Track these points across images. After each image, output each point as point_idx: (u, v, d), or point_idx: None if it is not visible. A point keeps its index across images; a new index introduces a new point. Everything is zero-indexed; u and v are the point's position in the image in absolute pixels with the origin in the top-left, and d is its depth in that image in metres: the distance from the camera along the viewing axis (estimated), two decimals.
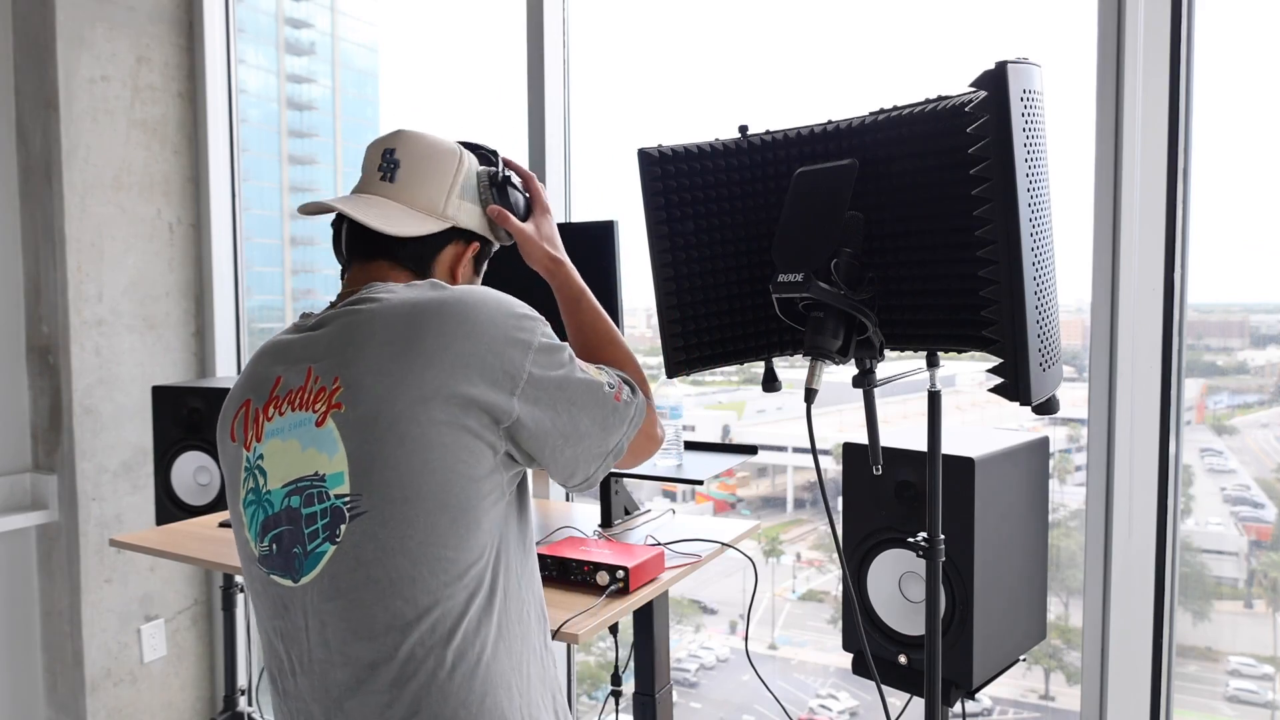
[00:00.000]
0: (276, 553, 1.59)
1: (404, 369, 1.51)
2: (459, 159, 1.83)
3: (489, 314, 1.58)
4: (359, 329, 1.58)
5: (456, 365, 1.51)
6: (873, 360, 1.80)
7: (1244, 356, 2.92)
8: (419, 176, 1.80)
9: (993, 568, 2.15)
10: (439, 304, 1.58)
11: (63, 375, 3.88)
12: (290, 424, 1.58)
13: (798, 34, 3.30)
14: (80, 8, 3.85)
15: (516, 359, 1.56)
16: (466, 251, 1.84)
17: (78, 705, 3.99)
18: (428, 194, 1.79)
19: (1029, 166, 1.56)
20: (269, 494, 1.60)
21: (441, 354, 1.52)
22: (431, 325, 1.54)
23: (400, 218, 1.75)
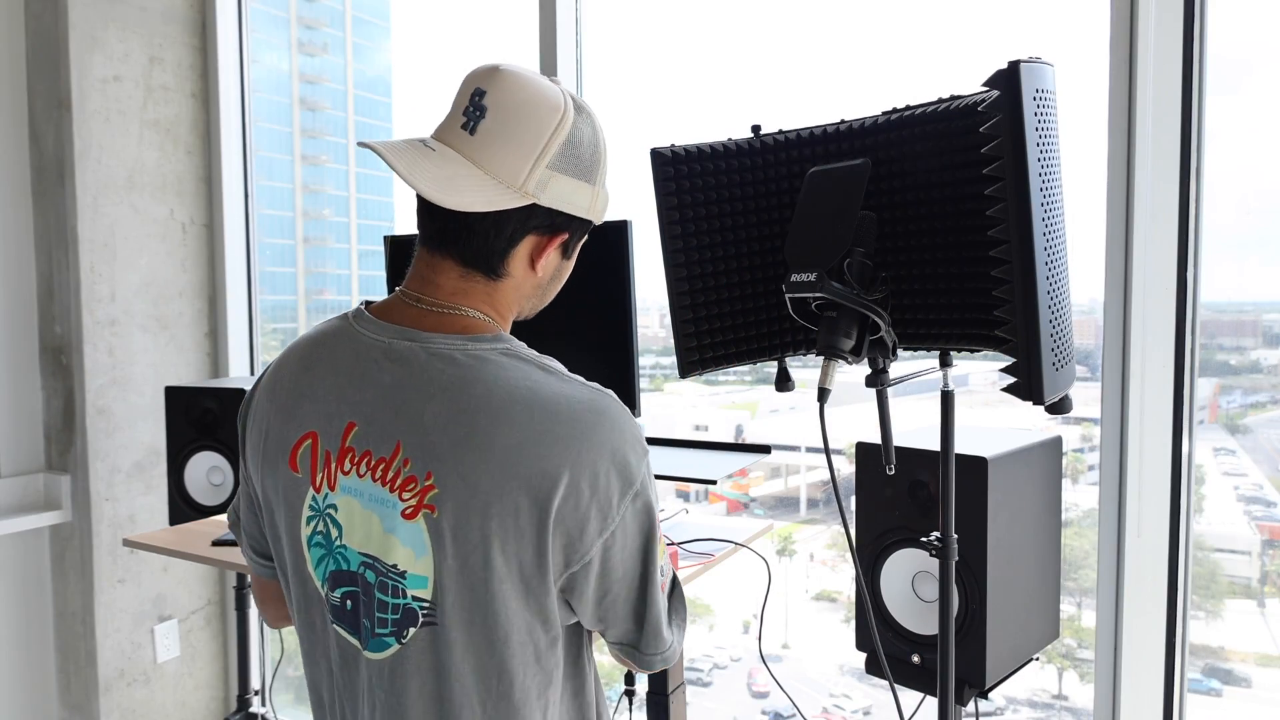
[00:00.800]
0: (349, 610, 1.50)
1: (499, 484, 1.36)
2: (561, 114, 1.46)
3: (609, 469, 1.40)
4: (459, 416, 1.38)
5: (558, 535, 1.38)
6: (886, 360, 1.80)
7: (1257, 356, 2.91)
8: (506, 132, 1.44)
9: (1006, 567, 2.15)
10: (536, 413, 1.38)
11: (76, 376, 3.89)
12: (370, 494, 1.43)
13: (811, 34, 3.30)
14: (93, 8, 3.86)
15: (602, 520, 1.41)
16: (550, 244, 1.52)
17: (91, 705, 4.00)
18: (511, 158, 1.43)
19: (1042, 166, 1.56)
20: (343, 549, 1.48)
21: (544, 502, 1.36)
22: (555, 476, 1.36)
23: (468, 185, 1.42)
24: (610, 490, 1.40)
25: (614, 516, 1.41)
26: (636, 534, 1.45)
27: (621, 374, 2.65)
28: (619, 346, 2.64)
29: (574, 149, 1.48)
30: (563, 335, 2.75)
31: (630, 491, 1.42)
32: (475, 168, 1.43)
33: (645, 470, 1.45)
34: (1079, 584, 2.99)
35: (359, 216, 4.98)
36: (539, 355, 1.48)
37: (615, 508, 1.41)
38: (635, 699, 2.67)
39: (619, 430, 1.42)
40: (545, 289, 1.61)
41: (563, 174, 1.47)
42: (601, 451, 1.39)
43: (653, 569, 1.49)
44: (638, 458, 1.44)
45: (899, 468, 2.07)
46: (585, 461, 1.37)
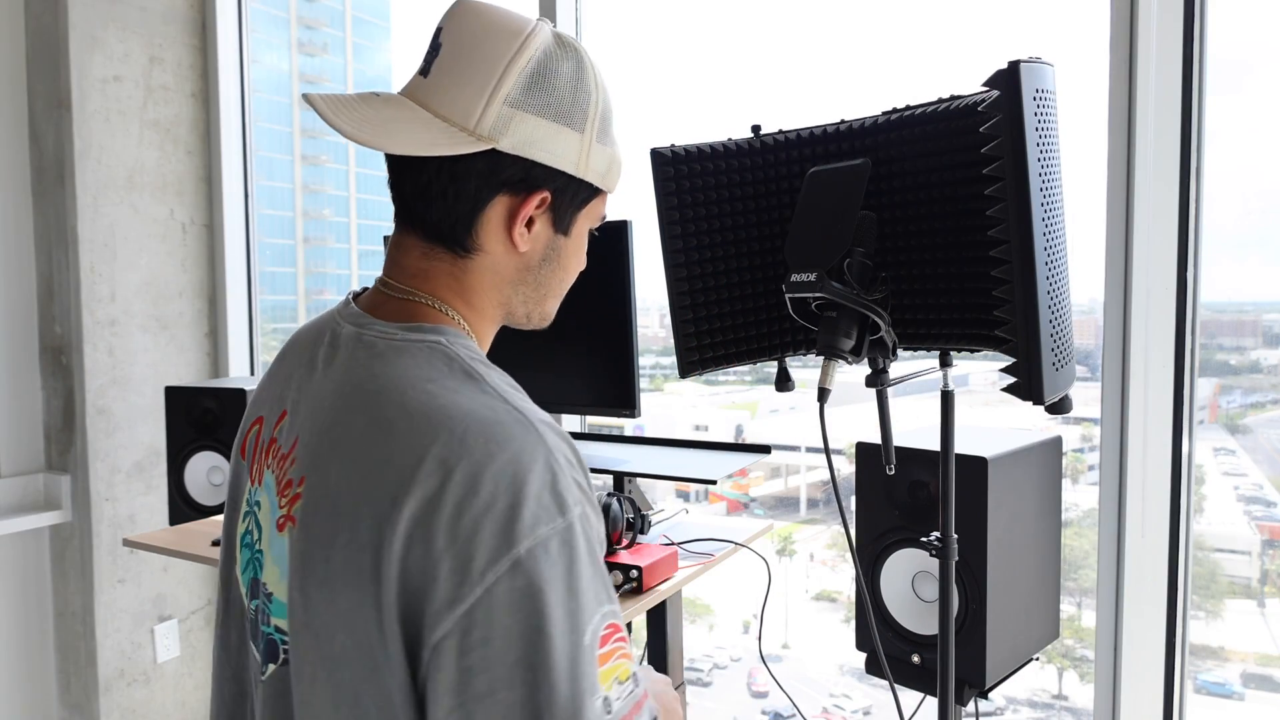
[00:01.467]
0: (256, 622, 1.27)
1: (355, 511, 1.09)
2: (522, 40, 1.21)
3: (503, 472, 1.07)
4: (343, 417, 1.15)
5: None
6: (886, 360, 1.80)
7: (1257, 355, 2.91)
8: (457, 66, 1.21)
9: (1006, 567, 2.14)
10: (401, 420, 1.11)
11: (75, 376, 3.89)
12: (267, 496, 1.24)
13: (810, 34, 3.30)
14: (93, 8, 3.86)
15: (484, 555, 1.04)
16: (526, 205, 1.24)
17: (91, 705, 3.99)
18: (462, 95, 1.20)
19: (1042, 166, 1.56)
20: (261, 554, 1.26)
21: (400, 506, 1.06)
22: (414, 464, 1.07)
23: (406, 128, 1.19)
24: (494, 513, 1.04)
25: (473, 586, 1.03)
26: (509, 628, 1.02)
27: (621, 374, 2.65)
28: (619, 346, 2.64)
29: (544, 83, 1.21)
30: (563, 335, 2.75)
31: (508, 556, 1.03)
32: (421, 109, 1.21)
33: (578, 513, 1.09)
34: (1079, 584, 2.99)
35: (359, 216, 4.99)
36: (478, 362, 1.21)
37: (479, 573, 1.03)
38: None
39: (537, 444, 1.10)
40: (538, 273, 1.32)
41: (530, 113, 1.20)
42: (489, 463, 1.06)
43: (583, 660, 1.05)
44: (557, 500, 1.08)
45: (899, 468, 2.07)
46: (459, 469, 1.05)
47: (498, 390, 1.15)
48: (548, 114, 1.22)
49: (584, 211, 1.33)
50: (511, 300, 1.33)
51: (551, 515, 1.06)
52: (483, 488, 1.04)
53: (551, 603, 1.03)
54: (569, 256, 1.35)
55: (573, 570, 1.05)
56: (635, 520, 2.34)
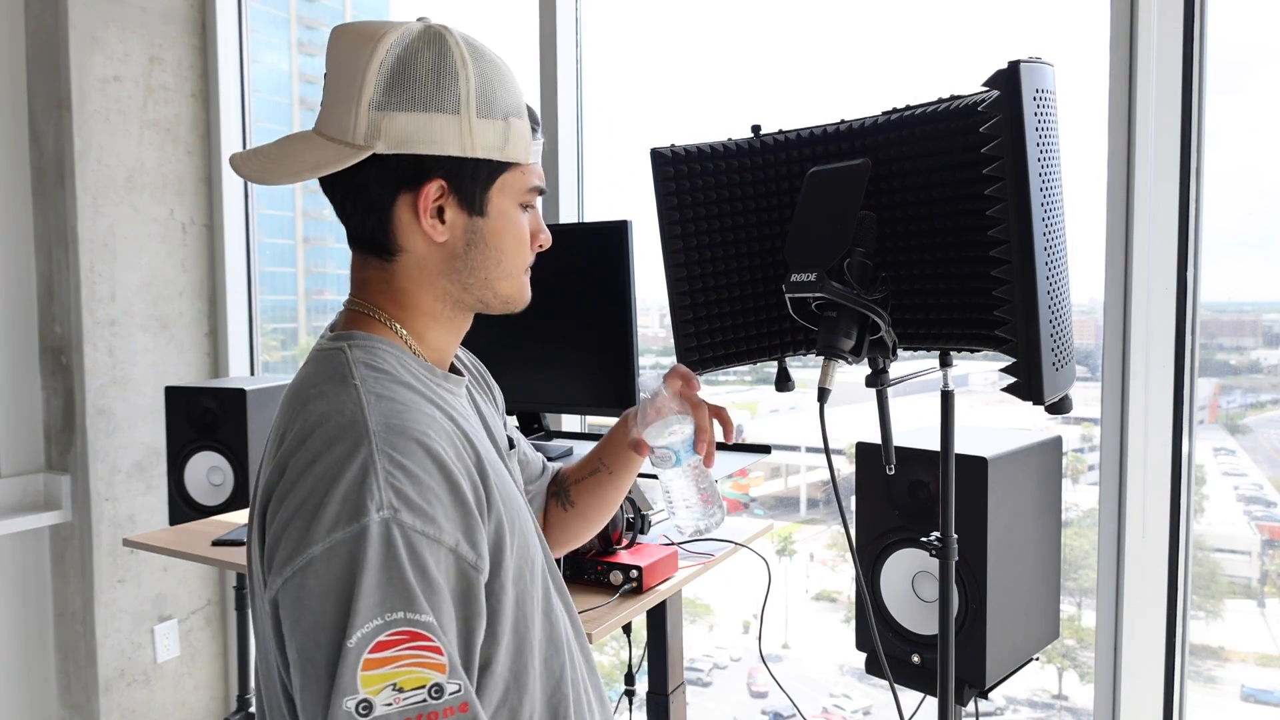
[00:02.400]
0: None
1: (258, 504, 1.23)
2: (374, 45, 1.25)
3: (323, 470, 1.15)
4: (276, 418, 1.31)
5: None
6: (886, 360, 1.80)
7: (1257, 355, 2.91)
8: (331, 87, 1.29)
9: (1006, 567, 2.15)
10: (284, 425, 1.25)
11: (75, 375, 3.89)
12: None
13: (810, 34, 3.30)
14: (93, 8, 3.86)
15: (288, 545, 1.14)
16: (424, 196, 1.29)
17: (91, 706, 4.00)
18: (337, 112, 1.27)
19: (1042, 166, 1.56)
20: None
21: (262, 496, 1.21)
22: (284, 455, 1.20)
23: (298, 157, 1.28)
24: (302, 512, 1.13)
25: (275, 576, 1.14)
26: (334, 600, 1.09)
27: (621, 374, 2.65)
28: (619, 346, 2.64)
29: (403, 79, 1.24)
30: (563, 335, 2.75)
31: (302, 555, 1.11)
32: (316, 136, 1.29)
33: (380, 516, 1.11)
34: (1079, 584, 2.99)
35: None
36: (364, 365, 1.28)
37: (279, 567, 1.13)
38: (635, 699, 2.67)
39: (360, 444, 1.15)
40: (466, 259, 1.36)
41: (397, 110, 1.24)
42: (314, 465, 1.15)
43: (343, 661, 1.07)
44: (373, 491, 1.12)
45: (899, 468, 2.07)
46: (290, 467, 1.17)
47: (360, 395, 1.21)
48: (415, 106, 1.25)
49: (495, 188, 1.35)
50: (451, 290, 1.38)
51: (349, 519, 1.10)
52: (301, 487, 1.14)
53: (329, 606, 1.09)
54: (497, 235, 1.37)
55: (353, 577, 1.09)
56: (635, 520, 2.34)
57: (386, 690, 1.07)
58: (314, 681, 1.08)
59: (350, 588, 1.08)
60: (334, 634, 1.07)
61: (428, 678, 1.09)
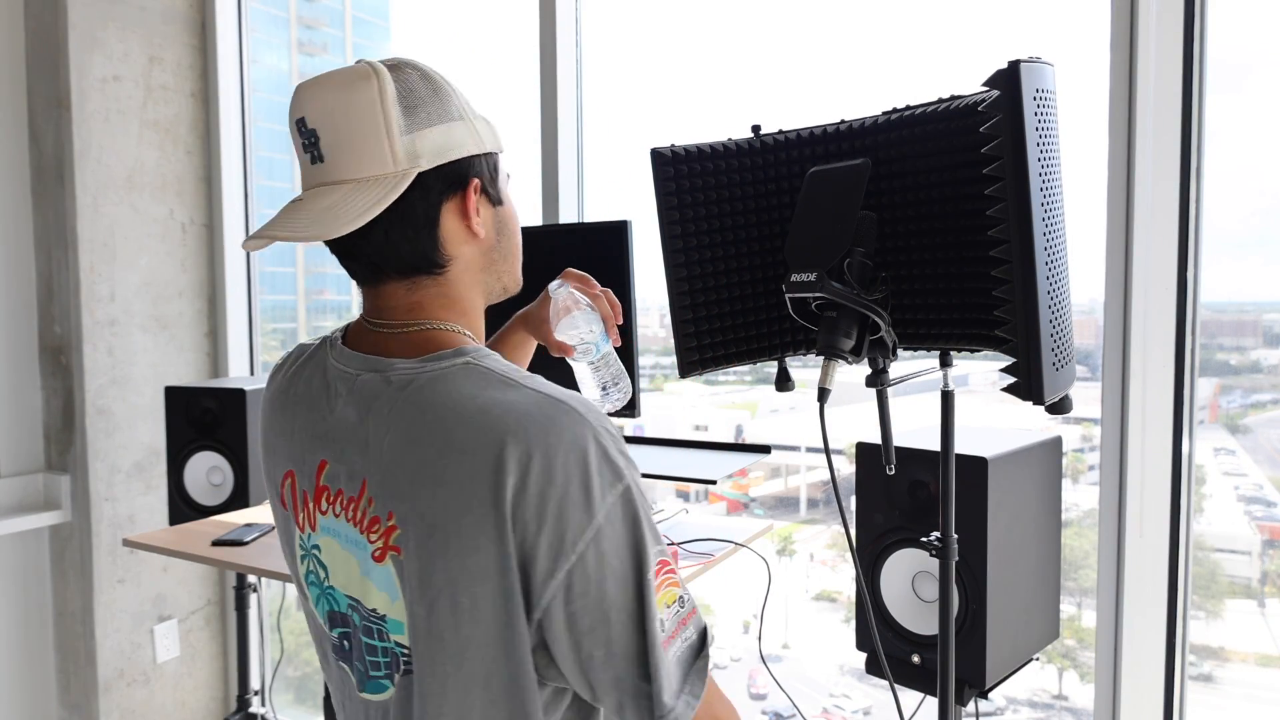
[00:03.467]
0: (348, 650, 1.42)
1: (456, 521, 1.23)
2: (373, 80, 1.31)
3: (569, 456, 1.23)
4: (411, 448, 1.27)
5: (515, 521, 1.22)
6: (886, 360, 1.80)
7: (1257, 355, 2.91)
8: (343, 134, 1.32)
9: (1006, 567, 2.15)
10: (471, 436, 1.24)
11: (75, 375, 3.89)
12: (345, 535, 1.35)
13: (810, 33, 3.30)
14: (92, 8, 3.86)
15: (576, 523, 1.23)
16: (469, 197, 1.38)
17: (90, 706, 4.00)
18: (367, 151, 1.31)
19: (1042, 166, 1.56)
20: (332, 589, 1.41)
21: (500, 503, 1.21)
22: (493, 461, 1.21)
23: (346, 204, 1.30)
24: (572, 493, 1.22)
25: (567, 556, 1.23)
26: (628, 548, 1.26)
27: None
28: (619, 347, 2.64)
29: (411, 101, 1.33)
30: None
31: (590, 527, 1.23)
32: (342, 184, 1.32)
33: (630, 475, 1.27)
34: (1079, 584, 2.99)
35: None
36: (508, 368, 1.33)
37: (570, 545, 1.22)
38: None
39: (582, 425, 1.25)
40: (498, 248, 1.47)
41: (423, 129, 1.33)
42: (553, 451, 1.22)
43: (648, 601, 1.27)
44: (611, 466, 1.26)
45: (899, 468, 2.07)
46: (535, 463, 1.21)
47: (533, 387, 1.29)
48: (434, 121, 1.34)
49: (501, 177, 1.47)
50: (489, 284, 1.49)
51: (612, 483, 1.25)
52: (556, 474, 1.21)
53: (624, 558, 1.25)
54: (512, 219, 1.50)
55: (635, 526, 1.26)
56: None
57: (664, 609, 1.28)
58: (627, 621, 1.26)
59: (636, 538, 1.26)
60: (635, 575, 1.26)
61: (675, 594, 1.31)
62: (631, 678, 1.27)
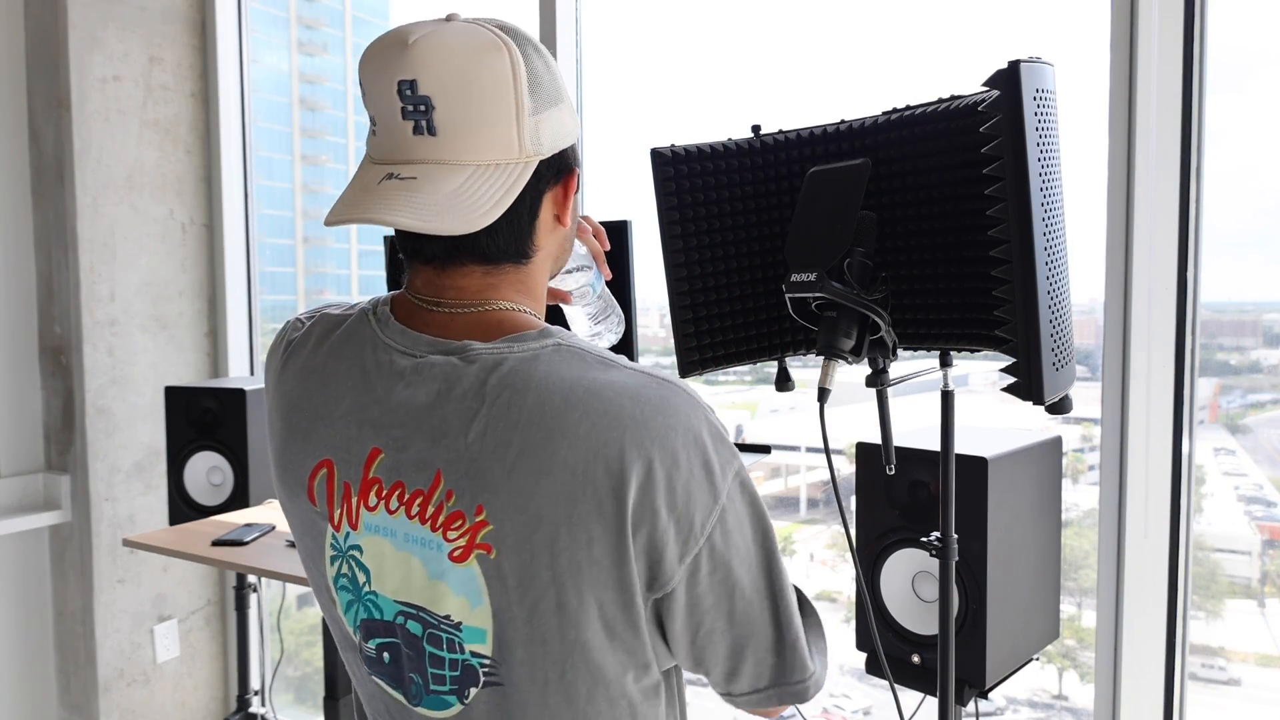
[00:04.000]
0: (389, 664, 1.29)
1: (566, 511, 1.13)
2: (509, 56, 1.17)
3: (688, 437, 1.17)
4: (509, 434, 1.14)
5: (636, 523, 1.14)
6: (886, 360, 1.80)
7: (1257, 355, 2.91)
8: (470, 111, 1.16)
9: (1006, 567, 2.15)
10: (578, 417, 1.14)
11: (75, 375, 3.89)
12: (406, 534, 1.21)
13: (810, 34, 3.30)
14: (92, 8, 3.86)
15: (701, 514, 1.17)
16: (568, 191, 1.32)
17: (90, 705, 4.00)
18: (498, 132, 1.18)
19: (1042, 166, 1.55)
20: (373, 596, 1.26)
21: (621, 491, 1.13)
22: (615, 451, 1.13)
23: (473, 191, 1.16)
24: (696, 476, 1.16)
25: (697, 540, 1.17)
26: (750, 523, 1.23)
27: None
28: (619, 347, 2.64)
29: (535, 79, 1.20)
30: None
31: (716, 509, 1.18)
32: (464, 167, 1.17)
33: (739, 461, 1.23)
34: (1079, 584, 2.99)
35: None
36: (597, 347, 1.23)
37: (700, 529, 1.17)
38: None
39: (694, 405, 1.20)
40: (569, 240, 1.40)
41: (543, 111, 1.22)
42: (673, 436, 1.15)
43: (779, 570, 1.26)
44: (725, 445, 1.21)
45: (899, 468, 2.07)
46: (656, 450, 1.13)
47: (632, 367, 1.21)
48: (550, 104, 1.23)
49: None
50: (554, 269, 1.40)
51: (728, 462, 1.21)
52: (680, 458, 1.15)
53: (747, 535, 1.23)
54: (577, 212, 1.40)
55: (754, 501, 1.24)
56: None
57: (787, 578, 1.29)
58: (763, 592, 1.25)
59: (757, 512, 1.24)
60: (761, 550, 1.24)
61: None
62: (760, 649, 1.28)
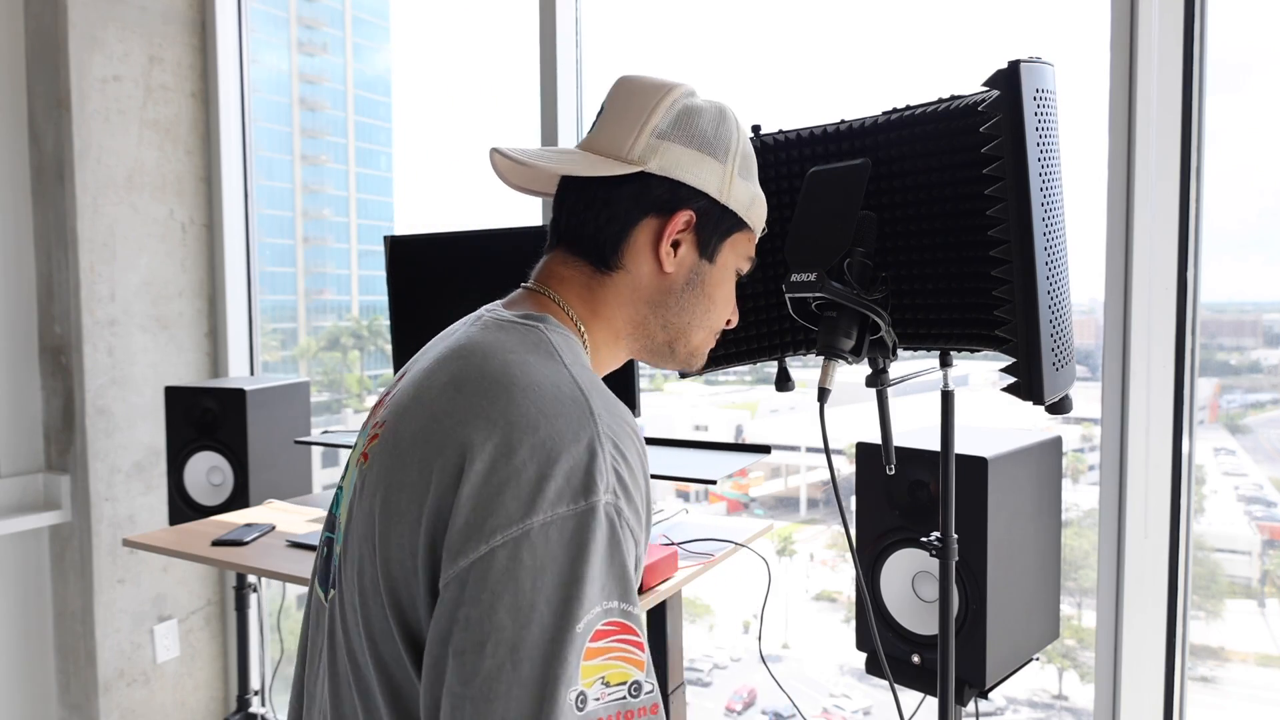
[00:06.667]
0: (324, 558, 1.35)
1: (416, 453, 1.14)
2: (668, 90, 1.37)
3: (545, 442, 1.09)
4: (431, 378, 1.21)
5: (434, 489, 1.11)
6: (886, 360, 1.80)
7: (1257, 355, 2.91)
8: (615, 116, 1.37)
9: (1006, 567, 2.14)
10: (472, 380, 1.16)
11: (75, 375, 3.89)
12: (360, 443, 1.31)
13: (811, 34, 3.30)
14: (92, 8, 3.86)
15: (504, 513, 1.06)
16: (671, 225, 1.34)
17: (90, 706, 3.99)
18: (617, 132, 1.36)
19: (1042, 166, 1.55)
20: (339, 491, 1.35)
21: (450, 452, 1.11)
22: (453, 414, 1.14)
23: (569, 160, 1.36)
24: (522, 481, 1.06)
25: (479, 543, 1.05)
26: (554, 573, 1.05)
27: (621, 374, 2.65)
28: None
29: (689, 119, 1.36)
30: None
31: (519, 525, 1.05)
32: (585, 151, 1.36)
33: (609, 503, 1.09)
34: (1079, 584, 2.99)
35: (359, 216, 4.99)
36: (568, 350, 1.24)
37: (488, 533, 1.05)
38: None
39: (587, 424, 1.12)
40: (681, 296, 1.39)
41: (676, 143, 1.34)
42: (531, 434, 1.09)
43: (564, 654, 1.03)
44: (599, 475, 1.09)
45: (899, 468, 2.07)
46: (506, 435, 1.09)
47: (573, 375, 1.18)
48: (692, 144, 1.35)
49: (729, 241, 1.43)
50: (649, 321, 1.40)
51: (575, 496, 1.07)
52: (517, 453, 1.07)
53: (548, 584, 1.03)
54: (714, 286, 1.43)
55: (581, 556, 1.05)
56: None
57: (597, 684, 1.04)
58: (518, 666, 1.01)
59: (576, 568, 1.04)
60: (554, 617, 1.03)
61: (629, 674, 1.06)
62: None
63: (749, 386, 4.25)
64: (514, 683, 1.01)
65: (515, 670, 1.01)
